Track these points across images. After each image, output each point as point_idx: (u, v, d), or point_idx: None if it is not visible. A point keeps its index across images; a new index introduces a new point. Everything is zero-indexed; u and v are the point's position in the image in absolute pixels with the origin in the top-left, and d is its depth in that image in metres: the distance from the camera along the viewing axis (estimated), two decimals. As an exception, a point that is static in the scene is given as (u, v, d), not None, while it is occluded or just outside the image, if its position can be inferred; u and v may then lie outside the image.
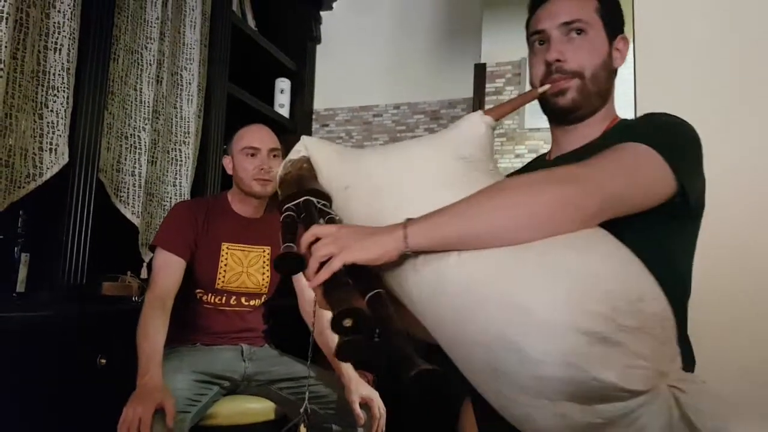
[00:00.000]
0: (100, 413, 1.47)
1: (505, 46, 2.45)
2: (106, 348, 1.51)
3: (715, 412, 0.63)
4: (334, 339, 1.77)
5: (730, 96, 1.40)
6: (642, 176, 0.79)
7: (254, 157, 1.72)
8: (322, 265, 0.75)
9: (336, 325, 0.69)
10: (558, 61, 0.94)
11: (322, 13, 2.96)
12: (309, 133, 2.95)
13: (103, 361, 1.49)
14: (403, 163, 0.89)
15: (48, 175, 1.52)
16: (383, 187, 0.87)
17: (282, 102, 2.77)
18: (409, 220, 0.76)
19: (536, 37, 0.98)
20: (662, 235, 0.76)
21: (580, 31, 0.94)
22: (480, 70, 2.50)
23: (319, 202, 0.89)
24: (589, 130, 0.98)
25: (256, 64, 2.69)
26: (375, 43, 2.89)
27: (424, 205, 0.77)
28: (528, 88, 2.51)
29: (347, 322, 0.69)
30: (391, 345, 0.69)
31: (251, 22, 2.61)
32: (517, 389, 0.67)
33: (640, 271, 0.68)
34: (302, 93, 2.88)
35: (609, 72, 0.97)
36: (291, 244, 0.81)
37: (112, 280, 1.69)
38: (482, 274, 0.71)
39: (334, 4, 2.97)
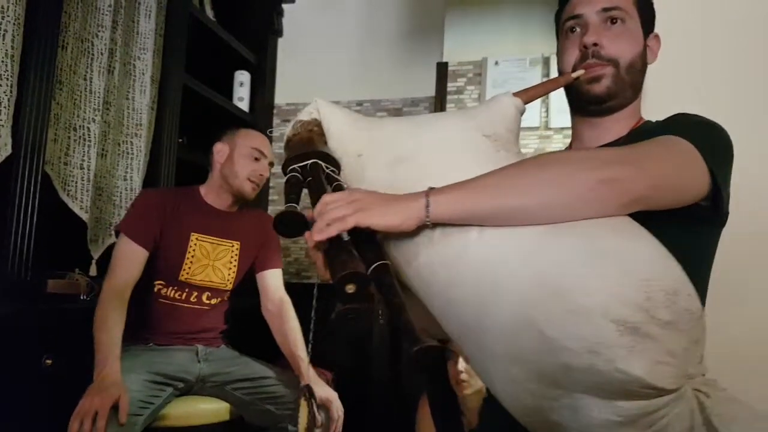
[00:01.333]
0: (46, 415, 1.41)
1: (467, 45, 2.47)
2: (52, 348, 1.46)
3: (738, 421, 0.61)
4: (295, 338, 1.75)
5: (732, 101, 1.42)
6: (685, 171, 0.75)
7: (258, 161, 1.74)
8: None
9: (338, 290, 0.65)
10: (595, 45, 0.90)
11: (284, 5, 2.92)
12: (269, 128, 2.90)
13: (49, 361, 1.44)
14: (428, 134, 0.85)
15: (-11, 167, 1.45)
16: (405, 157, 0.83)
17: (241, 95, 2.71)
18: (432, 189, 0.71)
19: (571, 23, 0.94)
20: (682, 236, 0.71)
21: (617, 20, 0.92)
22: (442, 69, 2.51)
23: (327, 167, 0.84)
24: (616, 125, 0.95)
25: (215, 56, 2.62)
26: (338, 38, 2.86)
27: (450, 177, 0.73)
28: (489, 89, 2.53)
29: (350, 288, 0.65)
30: (395, 317, 0.67)
31: (209, 12, 2.54)
32: (534, 377, 0.64)
33: (676, 265, 0.64)
34: (263, 87, 2.82)
35: (643, 65, 0.95)
36: (294, 204, 0.77)
37: (59, 277, 1.63)
38: (515, 252, 0.66)
39: (297, -3, 2.93)
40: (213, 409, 1.57)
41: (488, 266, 0.68)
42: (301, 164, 0.84)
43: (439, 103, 2.53)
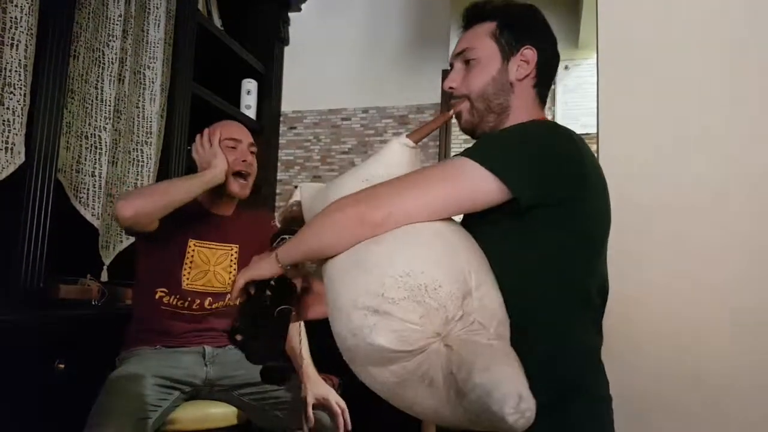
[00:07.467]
0: (58, 419, 1.43)
1: (472, 52, 2.48)
2: (65, 352, 1.47)
3: (474, 362, 0.73)
4: (297, 337, 1.76)
5: (689, 110, 1.43)
6: (459, 184, 0.88)
7: (234, 149, 1.70)
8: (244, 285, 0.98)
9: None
10: (451, 88, 1.06)
11: (290, 14, 2.95)
12: (276, 135, 2.93)
13: (61, 366, 1.46)
14: (331, 190, 1.01)
15: (4, 175, 1.48)
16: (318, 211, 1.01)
17: (249, 103, 2.74)
18: (281, 244, 0.98)
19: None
20: (504, 231, 0.89)
21: (469, 59, 1.04)
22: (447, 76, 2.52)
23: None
24: None
25: (222, 65, 2.66)
26: (344, 46, 2.89)
27: None
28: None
29: (238, 337, 0.92)
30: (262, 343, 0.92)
31: (217, 22, 2.58)
32: (345, 357, 0.85)
33: (414, 252, 0.81)
34: (270, 95, 2.85)
35: (501, 87, 1.02)
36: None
37: (71, 283, 1.65)
38: (329, 279, 0.88)
39: (303, 6, 2.96)
40: (222, 413, 1.58)
41: (327, 290, 0.90)
42: (278, 239, 1.07)
43: (444, 110, 2.55)
